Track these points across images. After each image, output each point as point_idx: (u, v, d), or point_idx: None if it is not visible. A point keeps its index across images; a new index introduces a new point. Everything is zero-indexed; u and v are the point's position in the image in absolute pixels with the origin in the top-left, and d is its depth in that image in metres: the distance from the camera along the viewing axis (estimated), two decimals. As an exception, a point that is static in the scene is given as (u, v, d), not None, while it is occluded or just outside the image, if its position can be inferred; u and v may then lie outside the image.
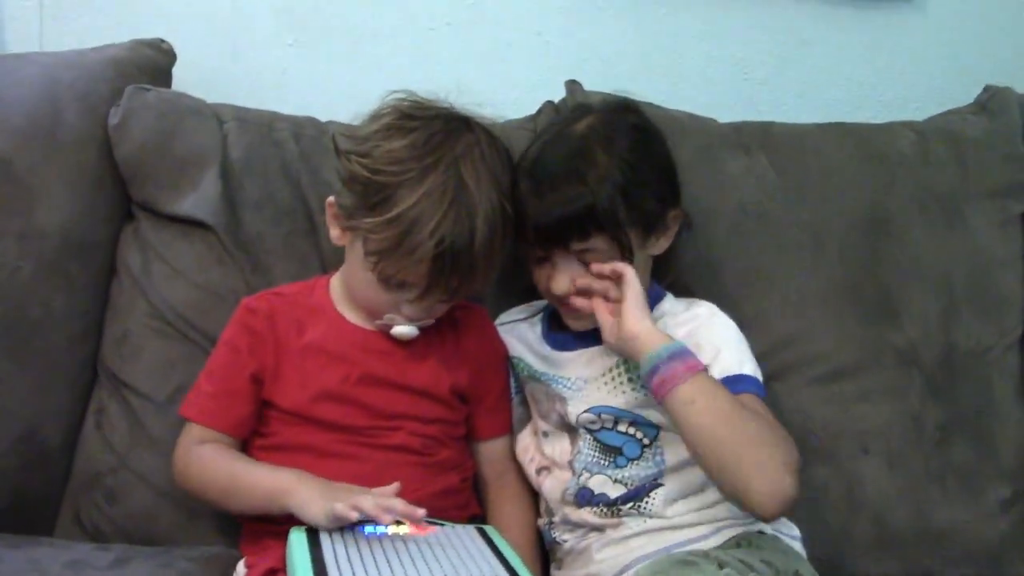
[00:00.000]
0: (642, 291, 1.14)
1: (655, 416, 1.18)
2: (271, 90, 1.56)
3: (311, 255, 1.36)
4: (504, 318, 1.33)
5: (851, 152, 1.46)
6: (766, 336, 1.32)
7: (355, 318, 1.22)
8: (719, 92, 1.65)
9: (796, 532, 1.20)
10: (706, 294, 1.30)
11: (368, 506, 1.04)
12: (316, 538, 1.05)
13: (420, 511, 1.06)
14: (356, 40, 1.60)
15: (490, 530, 1.14)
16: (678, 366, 1.09)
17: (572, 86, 1.48)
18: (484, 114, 1.21)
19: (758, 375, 1.18)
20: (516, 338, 1.30)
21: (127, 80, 1.38)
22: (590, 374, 1.22)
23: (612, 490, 1.18)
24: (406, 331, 1.18)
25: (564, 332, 1.26)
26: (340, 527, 1.07)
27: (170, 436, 1.22)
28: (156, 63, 1.45)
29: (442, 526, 1.11)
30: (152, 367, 1.30)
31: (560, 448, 1.23)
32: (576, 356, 1.24)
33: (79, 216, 1.33)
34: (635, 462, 1.18)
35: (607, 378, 1.21)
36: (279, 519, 1.10)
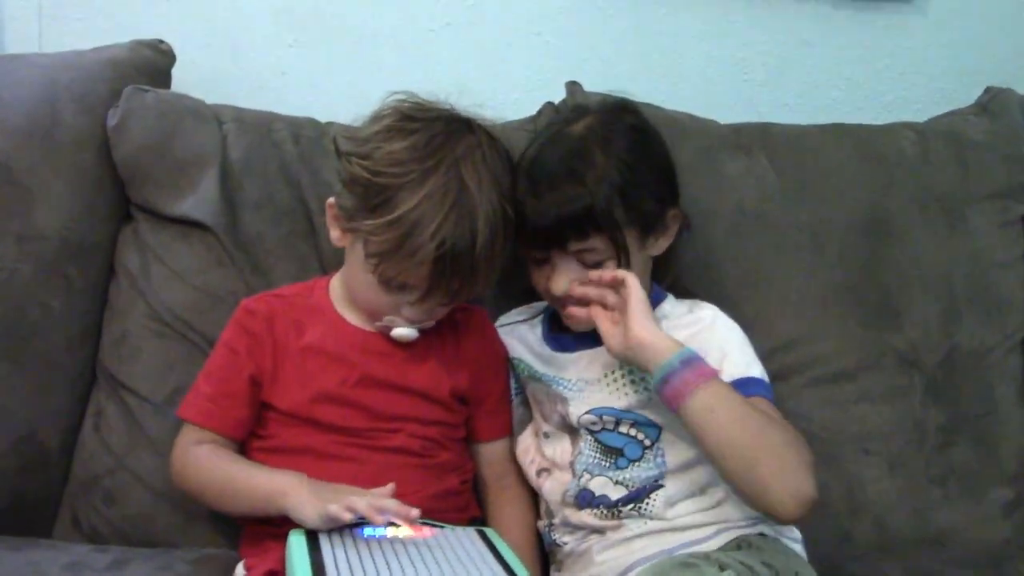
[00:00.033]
0: (646, 296, 1.13)
1: (657, 417, 1.17)
2: (271, 91, 1.56)
3: (310, 256, 1.36)
4: (504, 320, 1.33)
5: (851, 153, 1.46)
6: (766, 338, 1.32)
7: (355, 319, 1.22)
8: (719, 93, 1.65)
9: (797, 534, 1.20)
10: (706, 296, 1.30)
11: (362, 507, 1.04)
12: (315, 540, 1.05)
13: (414, 511, 1.05)
14: (356, 41, 1.60)
15: (490, 532, 1.13)
16: (691, 374, 1.08)
17: (572, 87, 1.48)
18: (485, 115, 1.20)
19: (765, 377, 1.18)
20: (516, 340, 1.30)
21: (126, 81, 1.38)
22: (591, 375, 1.21)
23: (613, 492, 1.18)
24: (406, 333, 1.18)
25: (564, 333, 1.25)
26: (339, 529, 1.06)
27: (168, 437, 1.22)
28: (155, 64, 1.45)
29: (442, 528, 1.11)
30: (151, 368, 1.30)
31: (561, 449, 1.23)
32: (577, 357, 1.23)
33: (78, 217, 1.33)
34: (636, 463, 1.18)
35: (608, 379, 1.21)
36: (279, 521, 1.09)
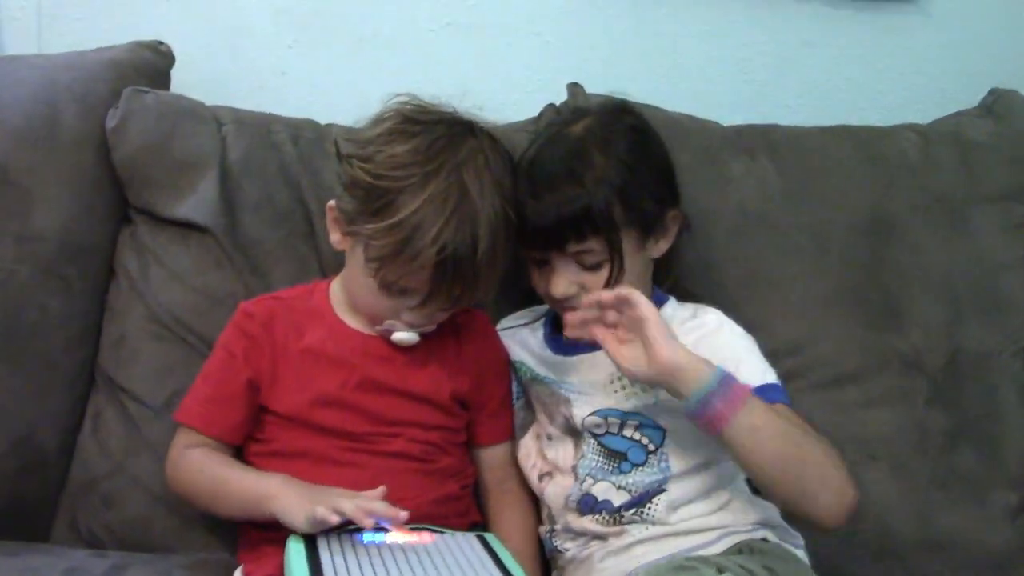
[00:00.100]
0: (659, 313, 1.09)
1: (662, 420, 1.17)
2: (270, 92, 1.55)
3: (310, 258, 1.35)
4: (505, 323, 1.33)
5: (853, 155, 1.46)
6: (768, 340, 1.30)
7: (355, 323, 1.21)
8: (720, 94, 1.65)
9: (800, 540, 1.20)
10: (707, 298, 1.29)
11: (349, 509, 1.03)
12: (314, 546, 1.04)
13: (402, 513, 1.04)
14: (356, 42, 1.60)
15: (490, 538, 1.13)
16: (731, 395, 1.05)
17: (573, 88, 1.48)
18: (486, 118, 1.20)
19: (779, 381, 1.17)
20: (518, 343, 1.29)
21: (125, 82, 1.38)
22: (595, 378, 1.21)
23: (616, 497, 1.17)
24: (407, 337, 1.17)
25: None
26: (338, 535, 1.06)
27: (167, 441, 1.21)
28: (155, 65, 1.44)
29: (442, 534, 1.10)
30: (149, 371, 1.30)
31: (563, 453, 1.22)
32: (579, 360, 1.23)
33: (76, 219, 1.33)
34: (639, 468, 1.17)
35: (613, 381, 1.20)
36: (277, 526, 1.09)
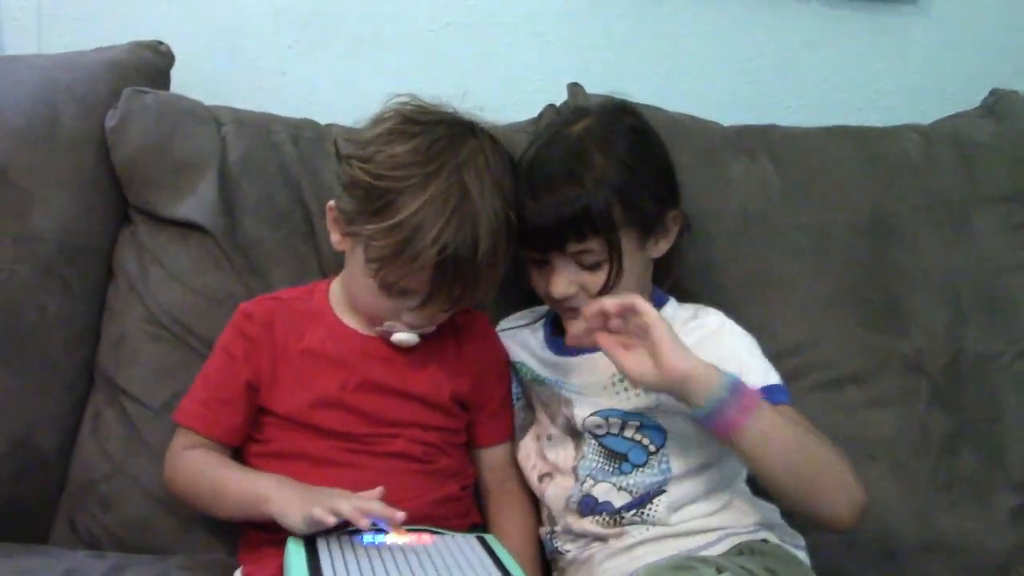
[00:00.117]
0: (667, 320, 1.07)
1: (664, 420, 1.16)
2: (270, 92, 1.55)
3: (310, 259, 1.35)
4: (505, 324, 1.32)
5: (855, 156, 1.45)
6: (770, 342, 1.29)
7: (355, 323, 1.21)
8: (721, 94, 1.65)
9: (800, 541, 1.19)
10: (708, 299, 1.29)
11: (345, 509, 1.03)
12: (314, 548, 1.04)
13: (399, 514, 1.04)
14: (356, 42, 1.59)
15: (490, 539, 1.12)
16: (742, 402, 1.05)
17: (574, 89, 1.47)
18: (487, 118, 1.19)
19: (782, 381, 1.17)
20: (518, 344, 1.29)
21: (125, 82, 1.38)
22: (595, 379, 1.20)
23: (616, 498, 1.17)
24: (406, 338, 1.17)
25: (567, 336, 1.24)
26: (338, 537, 1.06)
27: (166, 442, 1.21)
28: (154, 65, 1.44)
29: (442, 535, 1.10)
30: (149, 372, 1.29)
31: (564, 453, 1.22)
32: (580, 361, 1.22)
33: (75, 219, 1.32)
34: (640, 469, 1.17)
35: (614, 381, 1.19)
36: (276, 527, 1.08)
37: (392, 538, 1.06)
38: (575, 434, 1.21)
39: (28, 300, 1.28)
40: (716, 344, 1.16)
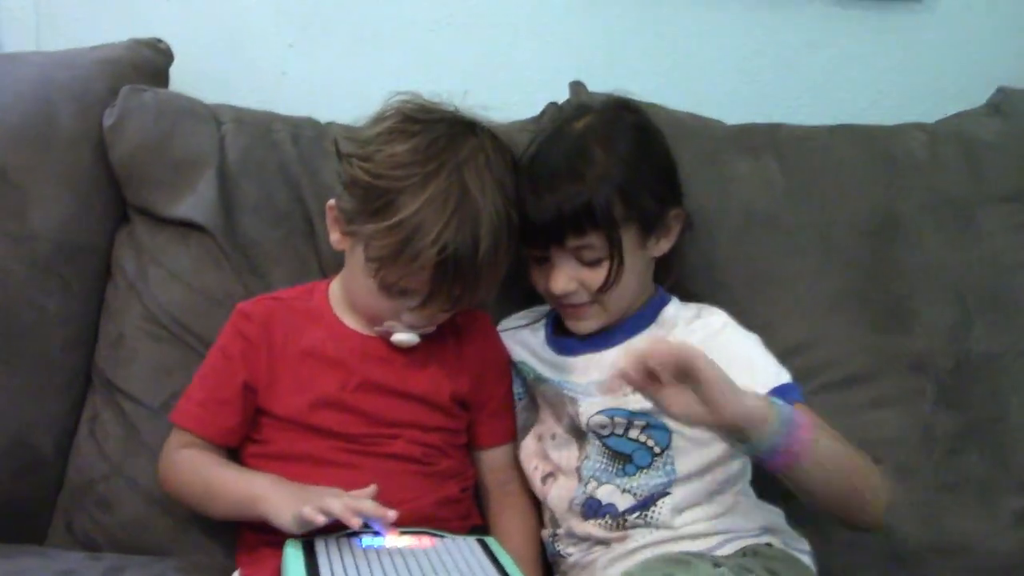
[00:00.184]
0: (716, 363, 0.98)
1: (670, 420, 1.15)
2: (270, 91, 1.54)
3: (309, 258, 1.34)
4: (506, 324, 1.31)
5: (860, 154, 1.44)
6: (773, 342, 1.28)
7: (354, 323, 1.20)
8: (723, 94, 1.64)
9: (805, 546, 1.18)
10: (711, 299, 1.28)
11: (337, 508, 1.02)
12: (312, 550, 1.03)
13: (391, 513, 1.03)
14: (357, 40, 1.59)
15: (491, 542, 1.11)
16: (800, 434, 1.01)
17: (576, 87, 1.47)
18: (489, 117, 1.19)
19: (791, 379, 1.15)
20: (519, 344, 1.28)
21: (123, 80, 1.37)
22: (598, 377, 1.19)
23: (620, 501, 1.16)
24: (407, 339, 1.16)
25: (568, 336, 1.24)
26: (337, 539, 1.05)
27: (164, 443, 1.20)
28: (153, 63, 1.44)
29: (442, 538, 1.09)
30: (147, 372, 1.29)
31: (567, 454, 1.21)
32: (583, 361, 1.22)
33: (73, 218, 1.32)
34: (644, 471, 1.16)
35: (618, 380, 1.18)
36: (274, 529, 1.07)
37: (391, 541, 1.05)
38: (579, 434, 1.21)
39: (25, 299, 1.28)
40: (721, 344, 1.15)
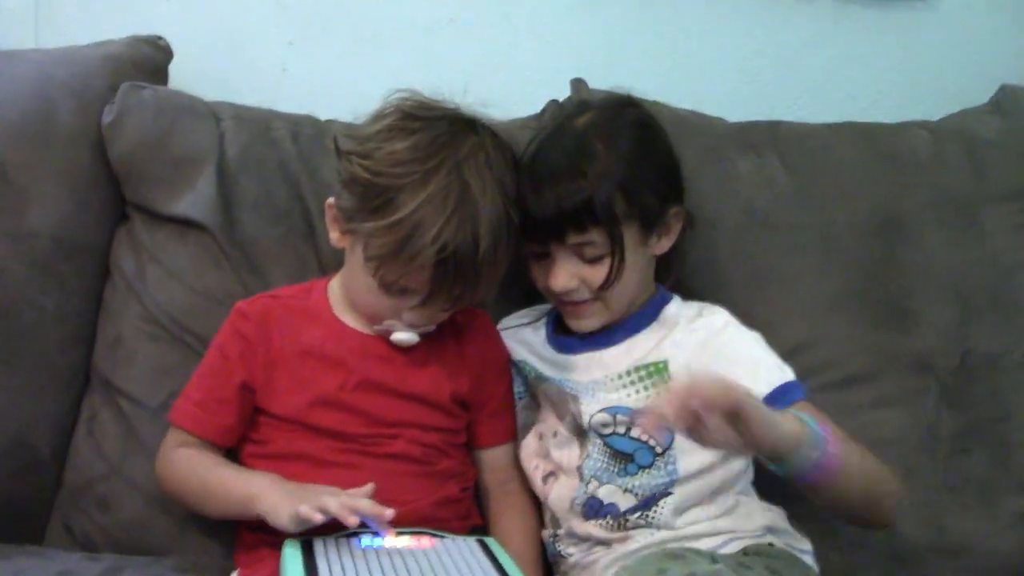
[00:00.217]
0: (752, 394, 0.98)
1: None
2: (270, 88, 1.54)
3: (309, 257, 1.34)
4: (507, 323, 1.31)
5: (863, 152, 1.44)
6: (775, 341, 1.28)
7: (354, 322, 1.20)
8: (724, 92, 1.63)
9: (807, 546, 1.18)
10: (712, 297, 1.28)
11: (333, 507, 1.01)
12: (311, 550, 1.03)
13: (388, 511, 1.03)
14: (357, 37, 1.59)
15: (491, 542, 1.11)
16: (829, 450, 1.01)
17: (577, 84, 1.47)
18: (490, 115, 1.18)
19: (795, 377, 1.16)
20: (520, 343, 1.28)
21: (122, 77, 1.37)
22: (600, 376, 1.19)
23: (622, 501, 1.15)
24: (406, 338, 1.16)
25: (569, 335, 1.23)
26: (336, 539, 1.04)
27: (163, 443, 1.20)
28: (152, 60, 1.43)
29: (442, 538, 1.09)
30: (145, 372, 1.28)
31: (569, 453, 1.21)
32: (584, 359, 1.21)
33: (72, 216, 1.31)
34: (646, 470, 1.16)
35: (620, 380, 1.18)
36: (273, 529, 1.07)
37: (391, 541, 1.04)
38: (580, 433, 1.20)
39: (24, 298, 1.27)
40: (723, 343, 1.16)
